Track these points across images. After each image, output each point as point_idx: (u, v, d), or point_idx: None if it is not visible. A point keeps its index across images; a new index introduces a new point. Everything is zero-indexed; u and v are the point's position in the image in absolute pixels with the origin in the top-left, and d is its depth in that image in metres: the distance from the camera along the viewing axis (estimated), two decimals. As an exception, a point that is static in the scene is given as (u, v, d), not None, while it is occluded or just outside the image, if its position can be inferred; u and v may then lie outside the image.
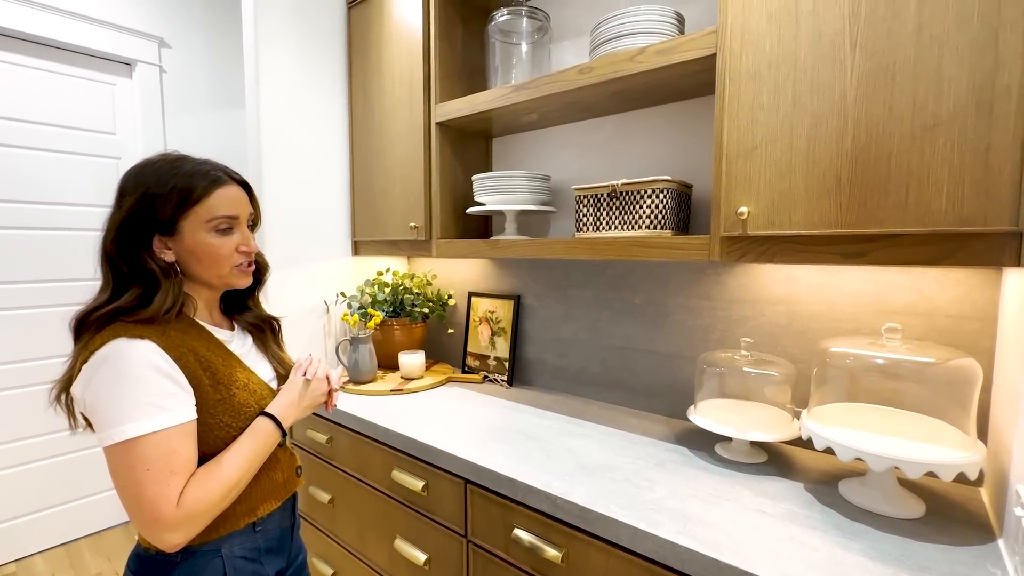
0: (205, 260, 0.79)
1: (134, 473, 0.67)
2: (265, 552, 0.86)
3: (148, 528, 0.68)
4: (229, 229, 0.80)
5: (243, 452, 0.78)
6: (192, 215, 0.77)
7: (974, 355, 0.94)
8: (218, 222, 0.78)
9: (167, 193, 0.75)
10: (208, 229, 0.78)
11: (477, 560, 1.13)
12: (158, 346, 0.71)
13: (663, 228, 1.14)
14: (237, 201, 0.81)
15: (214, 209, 0.78)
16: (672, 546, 0.80)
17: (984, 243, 0.75)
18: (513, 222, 1.51)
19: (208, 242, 0.78)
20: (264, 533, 0.86)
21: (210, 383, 0.77)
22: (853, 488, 0.92)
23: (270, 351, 0.94)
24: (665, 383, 1.38)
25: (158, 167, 0.77)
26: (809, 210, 0.88)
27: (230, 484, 0.74)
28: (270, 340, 0.95)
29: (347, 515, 1.49)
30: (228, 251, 0.80)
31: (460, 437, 1.22)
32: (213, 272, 0.81)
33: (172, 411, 0.70)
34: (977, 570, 0.72)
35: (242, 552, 0.82)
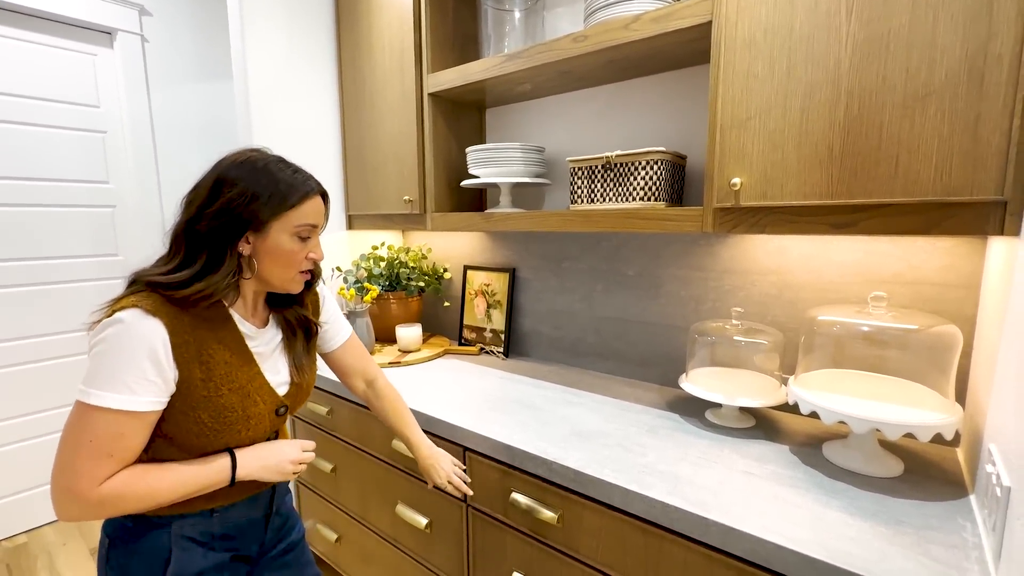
0: (280, 261, 0.81)
1: (80, 436, 0.69)
2: (219, 537, 0.85)
3: (58, 492, 0.69)
4: (308, 237, 0.84)
5: (184, 477, 0.76)
6: (284, 219, 0.79)
7: (957, 322, 0.97)
8: (302, 229, 0.82)
9: (270, 195, 0.77)
10: (292, 234, 0.81)
11: (477, 523, 1.17)
12: (166, 329, 0.72)
13: (657, 200, 1.14)
14: (320, 212, 0.85)
15: (304, 217, 0.81)
16: (663, 506, 0.84)
17: (970, 212, 0.76)
18: (508, 195, 1.51)
19: (288, 247, 0.81)
20: (222, 520, 0.85)
21: (201, 378, 0.77)
22: (836, 450, 0.96)
23: (294, 353, 0.92)
24: (658, 353, 1.41)
25: (263, 166, 0.79)
26: (801, 181, 0.89)
27: (154, 496, 0.73)
28: (300, 342, 0.93)
29: (349, 483, 1.54)
30: (301, 257, 0.83)
31: (458, 407, 1.25)
32: (281, 274, 0.83)
33: (139, 396, 0.70)
34: (948, 523, 0.76)
35: (192, 533, 0.82)
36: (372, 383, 1.11)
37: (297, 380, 0.92)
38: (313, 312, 0.98)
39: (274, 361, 0.89)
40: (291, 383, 0.91)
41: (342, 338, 1.08)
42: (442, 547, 1.27)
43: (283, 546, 0.99)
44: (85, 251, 2.18)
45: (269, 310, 0.91)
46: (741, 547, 0.76)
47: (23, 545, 2.07)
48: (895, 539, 0.73)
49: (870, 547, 0.71)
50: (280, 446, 0.88)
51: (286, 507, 1.02)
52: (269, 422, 0.87)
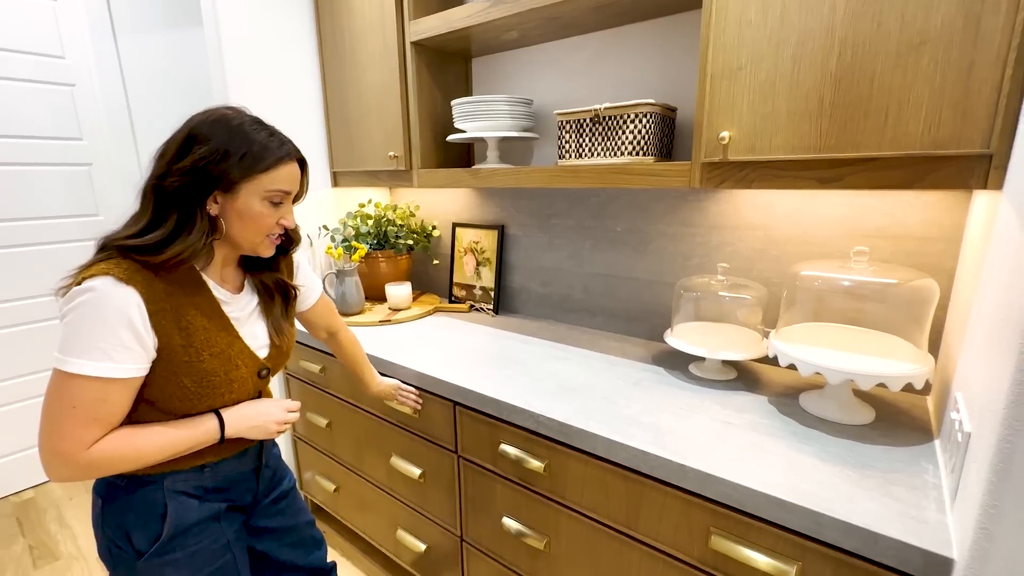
0: (249, 224, 0.80)
1: (61, 404, 0.69)
2: (212, 491, 0.87)
3: (47, 455, 0.70)
4: (280, 203, 0.82)
5: (173, 438, 0.77)
6: (255, 181, 0.78)
7: (936, 275, 0.99)
8: (274, 195, 0.80)
9: (243, 155, 0.76)
10: (263, 197, 0.79)
11: (467, 472, 1.22)
12: (140, 297, 0.71)
13: (646, 154, 1.12)
14: (295, 178, 0.84)
15: (276, 182, 0.80)
16: (644, 455, 0.88)
17: (955, 166, 0.76)
18: (495, 150, 1.47)
19: (258, 210, 0.79)
20: (213, 474, 0.87)
21: (182, 343, 0.76)
22: (811, 400, 1.00)
23: (272, 316, 0.92)
24: (645, 308, 1.43)
25: (237, 125, 0.77)
26: (790, 133, 0.87)
27: (142, 456, 0.75)
28: (278, 306, 0.93)
29: (344, 437, 1.58)
30: (271, 222, 0.82)
31: (448, 363, 1.28)
32: (248, 237, 0.82)
33: (120, 364, 0.70)
34: (912, 465, 0.81)
35: (185, 487, 0.84)
36: (334, 334, 1.19)
37: (277, 343, 0.92)
38: (288, 272, 0.98)
39: (252, 325, 0.89)
40: (271, 346, 0.92)
41: (312, 300, 1.10)
42: (436, 495, 1.33)
43: (275, 494, 1.02)
44: (63, 211, 2.13)
45: (244, 274, 0.91)
46: (716, 491, 0.80)
47: (31, 500, 2.14)
48: (861, 482, 0.77)
49: (837, 489, 0.75)
50: (265, 406, 0.89)
51: (274, 459, 1.05)
52: (252, 384, 0.88)
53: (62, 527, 1.96)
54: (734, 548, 0.80)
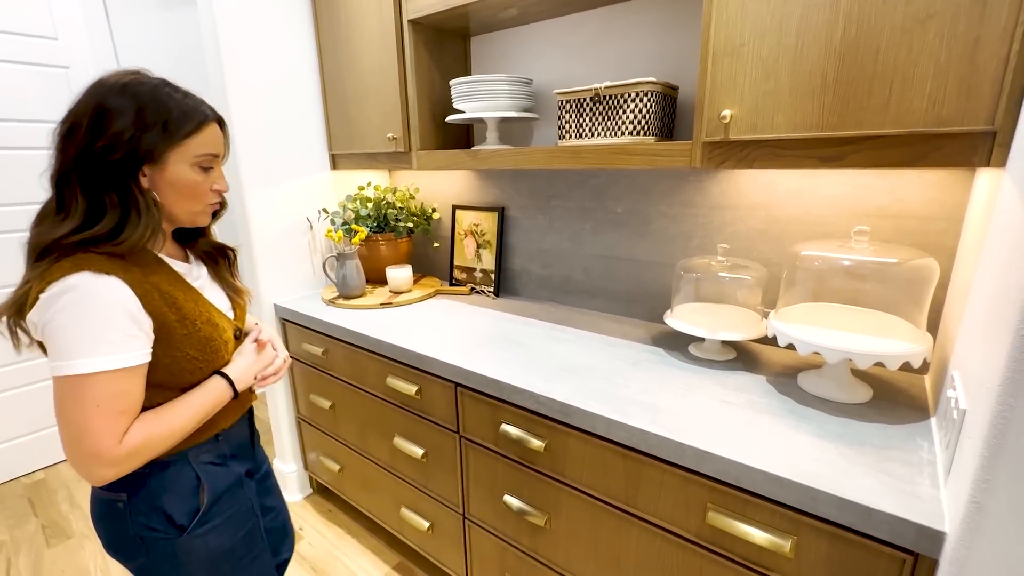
0: (185, 194, 0.77)
1: (82, 407, 0.67)
2: (230, 457, 0.91)
3: (85, 460, 0.68)
4: (210, 168, 0.80)
5: (194, 406, 0.79)
6: (181, 148, 0.74)
7: (937, 255, 0.99)
8: (203, 159, 0.77)
9: (164, 122, 0.72)
10: (193, 164, 0.76)
11: (469, 452, 1.24)
12: (125, 284, 0.70)
13: (647, 134, 1.11)
14: (219, 140, 0.81)
15: (203, 146, 0.77)
16: (642, 433, 0.89)
17: (959, 144, 0.75)
18: (495, 130, 1.46)
19: (191, 178, 0.77)
20: (227, 441, 0.91)
21: (176, 319, 0.76)
22: (810, 379, 1.01)
23: (224, 280, 0.93)
24: (645, 289, 1.44)
25: (149, 92, 0.72)
26: (792, 112, 0.86)
27: (174, 432, 0.76)
28: (224, 269, 0.94)
29: (348, 418, 1.60)
30: (206, 189, 0.80)
31: (449, 345, 1.29)
32: (187, 208, 0.79)
33: (128, 352, 0.70)
34: (907, 442, 0.82)
35: (209, 458, 0.86)
36: None
37: (238, 302, 0.94)
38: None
39: (212, 292, 0.89)
40: (233, 307, 0.93)
41: None
42: (438, 474, 1.35)
43: (263, 471, 1.05)
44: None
45: (182, 248, 0.89)
46: (713, 468, 0.81)
47: (42, 481, 2.18)
48: (856, 458, 0.78)
49: (832, 466, 0.76)
50: (248, 349, 0.92)
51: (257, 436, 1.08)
52: (234, 346, 0.90)
53: (73, 507, 2.00)
54: (731, 523, 0.81)
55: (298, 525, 1.83)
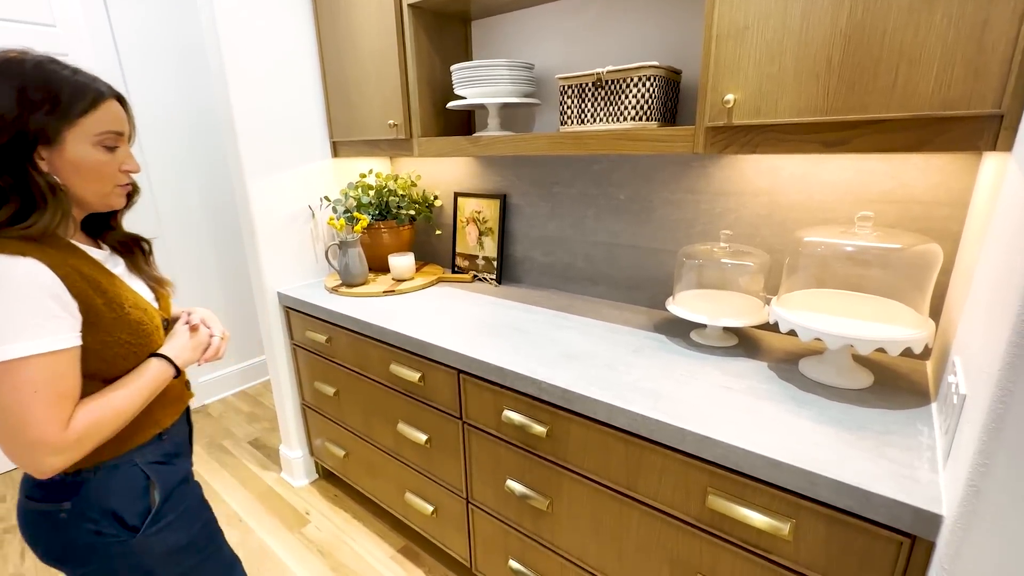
0: (89, 177, 0.73)
1: (19, 394, 0.64)
2: (175, 456, 0.90)
3: (30, 450, 0.66)
4: (114, 147, 0.76)
5: (138, 387, 0.77)
6: (79, 126, 0.71)
7: (942, 240, 0.98)
8: (105, 137, 0.73)
9: (54, 100, 0.68)
10: (95, 143, 0.73)
11: (472, 438, 1.26)
12: (44, 265, 0.66)
13: (649, 119, 1.10)
14: (121, 118, 0.77)
15: (103, 124, 0.73)
16: (643, 419, 0.89)
17: (965, 127, 0.74)
18: (496, 116, 1.45)
19: (95, 158, 0.73)
20: (171, 440, 0.89)
21: (103, 302, 0.73)
22: (811, 365, 1.01)
23: (143, 272, 0.89)
24: (647, 276, 1.43)
25: (31, 67, 0.68)
26: (796, 96, 0.85)
27: (120, 414, 0.74)
28: (141, 261, 0.90)
29: (352, 405, 1.62)
30: (113, 169, 0.76)
31: (452, 332, 1.29)
32: (94, 190, 0.75)
33: (58, 335, 0.67)
34: (907, 428, 0.82)
35: (155, 458, 0.85)
36: None
37: (161, 293, 0.91)
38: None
39: (133, 282, 0.85)
40: (158, 297, 0.90)
41: None
42: (442, 459, 1.37)
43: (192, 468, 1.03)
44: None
45: (94, 240, 0.84)
46: (713, 453, 0.82)
47: (53, 466, 2.21)
48: (856, 443, 0.78)
49: (832, 450, 0.77)
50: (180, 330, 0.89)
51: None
52: (164, 334, 0.86)
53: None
54: (730, 507, 0.82)
55: (305, 510, 1.86)
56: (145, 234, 0.93)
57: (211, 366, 2.67)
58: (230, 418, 2.53)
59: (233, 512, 1.87)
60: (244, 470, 2.12)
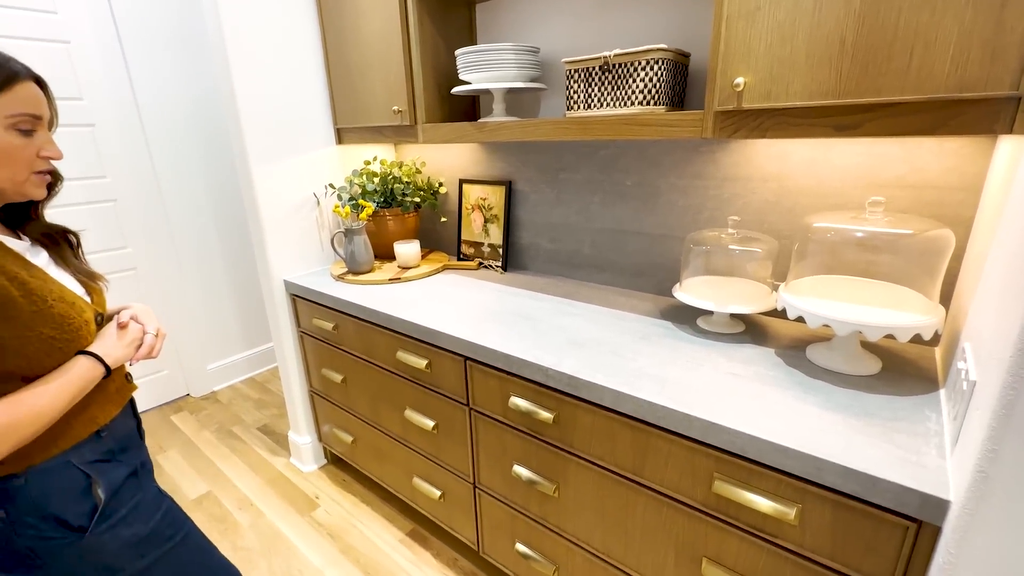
0: (2, 162, 0.69)
1: None
2: (119, 452, 0.85)
3: None
4: (31, 131, 0.72)
5: (61, 385, 0.72)
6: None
7: (954, 225, 0.97)
8: (19, 120, 0.69)
9: None
10: (7, 127, 0.68)
11: (479, 424, 1.27)
12: None
13: (657, 104, 1.09)
14: (38, 100, 0.72)
15: (15, 105, 0.69)
16: (650, 405, 0.90)
17: (980, 110, 0.73)
18: (501, 102, 1.43)
19: (7, 141, 0.69)
20: (112, 437, 0.85)
21: (21, 294, 0.68)
22: (819, 351, 1.01)
23: (71, 266, 0.84)
24: (654, 263, 1.43)
25: None
26: (808, 78, 0.84)
27: (42, 413, 0.69)
28: (68, 254, 0.85)
29: (359, 392, 1.63)
30: (30, 155, 0.72)
31: (458, 319, 1.30)
32: (7, 176, 0.71)
33: None
34: (915, 414, 0.82)
35: (93, 456, 0.80)
36: None
37: (93, 287, 0.86)
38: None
39: (59, 275, 0.80)
40: (89, 291, 0.85)
41: None
42: (449, 445, 1.38)
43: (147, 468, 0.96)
44: (68, 174, 2.13)
45: (14, 232, 0.80)
46: (720, 439, 0.82)
47: None
48: (863, 429, 0.78)
49: (839, 436, 0.77)
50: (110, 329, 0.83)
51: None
52: (96, 329, 0.82)
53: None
54: (737, 492, 0.83)
55: (314, 494, 1.89)
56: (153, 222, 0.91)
57: (220, 352, 2.70)
58: (239, 405, 2.56)
59: (244, 496, 1.90)
60: (254, 456, 2.15)
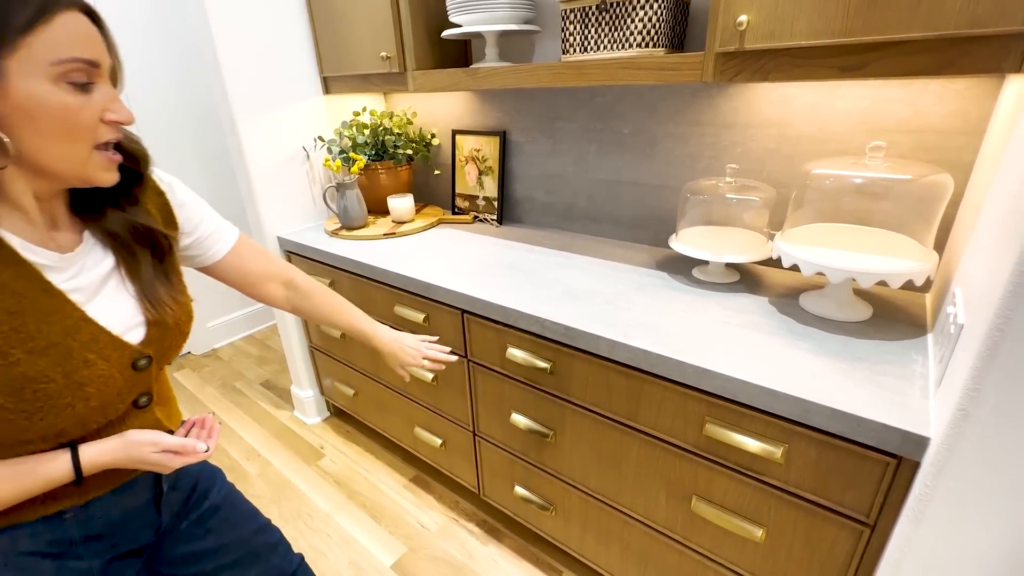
0: (50, 129, 0.49)
1: None
2: (83, 541, 0.63)
3: None
4: (87, 84, 0.50)
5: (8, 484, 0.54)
6: (24, 49, 0.46)
7: (953, 170, 0.96)
8: (69, 68, 0.48)
9: None
10: (53, 77, 0.48)
11: (477, 375, 1.29)
12: None
13: (656, 45, 1.04)
14: (94, 38, 0.51)
15: (61, 45, 0.47)
16: (645, 353, 0.92)
17: (990, 47, 0.70)
18: (494, 46, 1.37)
19: (54, 99, 0.48)
20: (83, 521, 0.62)
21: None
22: (811, 299, 1.02)
23: (141, 280, 0.63)
24: (650, 214, 1.42)
25: None
26: (814, 15, 0.80)
27: None
28: (146, 264, 0.63)
29: (358, 346, 1.66)
30: (90, 119, 0.51)
31: (455, 273, 1.30)
32: (61, 152, 0.51)
33: None
34: (903, 358, 0.84)
35: (34, 546, 0.59)
36: (291, 283, 0.88)
37: (157, 316, 0.63)
38: (164, 219, 0.68)
39: (109, 297, 0.60)
40: (148, 323, 0.63)
41: (228, 241, 0.80)
42: (449, 396, 1.42)
43: (200, 512, 0.77)
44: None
45: (82, 223, 0.61)
46: (712, 384, 0.85)
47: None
48: (852, 373, 0.81)
49: (828, 380, 0.79)
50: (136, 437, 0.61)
51: (192, 474, 0.78)
52: (124, 383, 0.60)
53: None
54: (727, 434, 0.86)
55: (319, 445, 1.95)
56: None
57: (219, 310, 2.71)
58: (240, 361, 2.60)
59: (250, 447, 1.97)
60: (258, 409, 2.20)
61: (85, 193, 0.59)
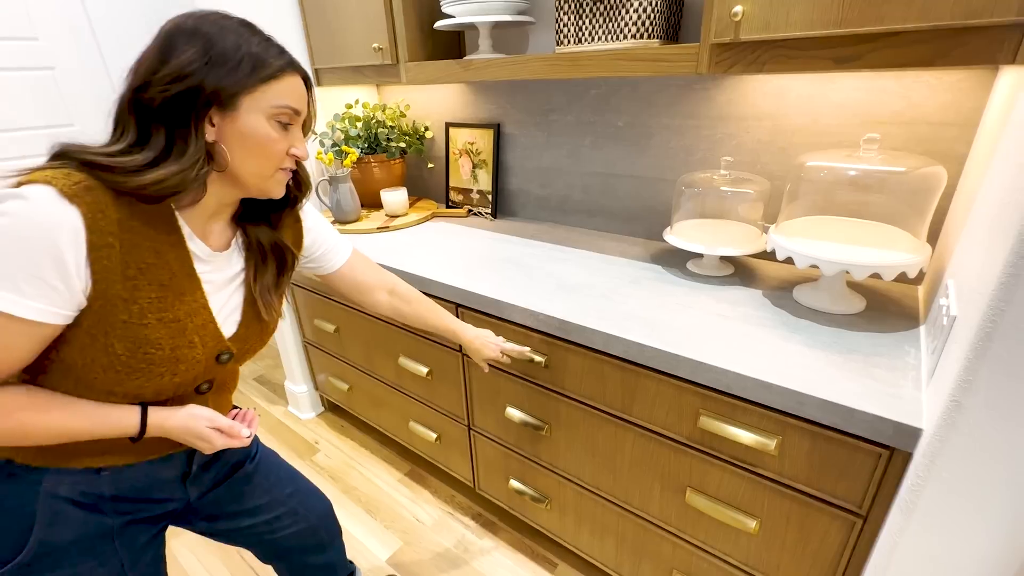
0: (255, 151, 0.65)
1: None
2: (110, 499, 0.71)
3: None
4: (288, 125, 0.67)
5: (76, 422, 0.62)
6: (256, 93, 0.63)
7: (947, 162, 0.96)
8: (281, 112, 0.65)
9: (239, 61, 0.61)
10: (269, 115, 0.65)
11: (472, 368, 1.29)
12: (83, 222, 0.55)
13: (651, 36, 1.04)
14: (302, 95, 0.69)
15: (282, 96, 0.65)
16: (639, 347, 0.92)
17: (984, 38, 0.70)
18: (487, 38, 1.36)
19: (265, 132, 0.64)
20: (115, 480, 0.71)
21: (123, 297, 0.59)
22: (805, 292, 1.02)
23: (260, 286, 0.76)
24: (645, 207, 1.41)
25: (225, 26, 0.63)
26: (809, 6, 0.79)
27: (28, 435, 0.60)
28: (270, 274, 0.77)
29: (353, 341, 1.65)
30: (281, 149, 0.67)
31: (449, 267, 1.29)
32: (255, 168, 0.66)
33: (28, 301, 0.53)
34: (895, 349, 0.85)
35: (70, 493, 0.68)
36: (394, 291, 1.01)
37: (255, 321, 0.76)
38: (294, 240, 0.83)
39: (227, 295, 0.72)
40: (243, 324, 0.74)
41: (343, 255, 0.95)
42: (443, 390, 1.41)
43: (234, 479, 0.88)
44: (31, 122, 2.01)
45: (234, 232, 0.75)
46: (706, 377, 0.85)
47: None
48: (844, 365, 0.81)
49: (820, 372, 0.79)
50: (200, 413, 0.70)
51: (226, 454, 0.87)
52: (204, 369, 0.70)
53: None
54: (721, 427, 0.87)
55: (313, 439, 1.95)
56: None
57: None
58: (234, 356, 2.58)
59: (245, 443, 1.95)
60: (252, 404, 2.19)
61: (250, 206, 0.75)
